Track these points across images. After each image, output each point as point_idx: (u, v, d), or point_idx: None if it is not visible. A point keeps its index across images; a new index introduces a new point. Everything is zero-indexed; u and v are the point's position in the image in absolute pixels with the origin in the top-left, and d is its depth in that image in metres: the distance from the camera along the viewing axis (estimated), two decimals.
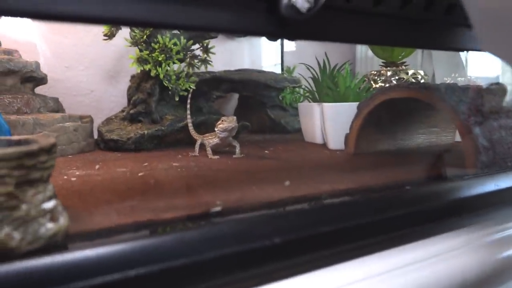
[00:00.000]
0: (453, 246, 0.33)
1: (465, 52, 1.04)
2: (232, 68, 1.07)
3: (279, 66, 1.32)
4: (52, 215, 0.24)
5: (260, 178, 0.50)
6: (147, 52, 0.78)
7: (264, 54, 1.31)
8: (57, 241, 0.24)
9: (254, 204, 0.36)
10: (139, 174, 0.50)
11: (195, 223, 0.26)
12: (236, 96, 1.21)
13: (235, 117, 0.66)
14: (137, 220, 0.31)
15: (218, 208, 0.33)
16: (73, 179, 0.49)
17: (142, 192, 0.41)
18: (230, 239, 0.24)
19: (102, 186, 0.45)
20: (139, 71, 0.80)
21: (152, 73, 0.79)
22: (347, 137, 0.68)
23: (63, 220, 0.24)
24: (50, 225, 0.23)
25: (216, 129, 0.67)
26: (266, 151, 0.73)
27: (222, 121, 0.65)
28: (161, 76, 0.77)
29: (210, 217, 0.32)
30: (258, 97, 1.12)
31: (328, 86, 0.81)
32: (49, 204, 0.23)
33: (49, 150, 0.24)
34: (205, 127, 0.85)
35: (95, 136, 0.86)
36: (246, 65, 1.22)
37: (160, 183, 0.46)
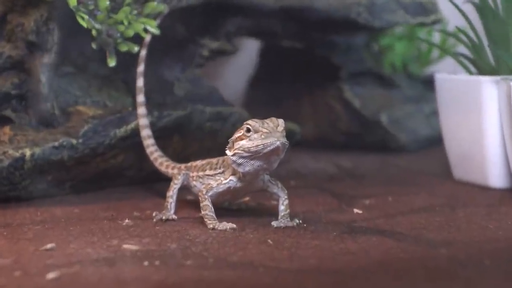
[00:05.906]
0: None
1: None
2: None
3: None
4: None
5: None
6: None
7: None
8: None
9: None
10: (49, 277, 0.51)
11: None
12: (250, 49, 1.21)
13: (281, 120, 0.66)
14: None
15: None
16: None
17: None
18: None
19: None
20: None
21: None
22: None
23: None
24: None
25: (229, 153, 0.68)
26: (355, 210, 0.75)
27: (248, 130, 0.67)
28: (72, 1, 0.77)
29: None
30: (318, 53, 1.08)
31: None
32: None
33: None
34: (183, 139, 0.88)
35: None
36: None
37: None
